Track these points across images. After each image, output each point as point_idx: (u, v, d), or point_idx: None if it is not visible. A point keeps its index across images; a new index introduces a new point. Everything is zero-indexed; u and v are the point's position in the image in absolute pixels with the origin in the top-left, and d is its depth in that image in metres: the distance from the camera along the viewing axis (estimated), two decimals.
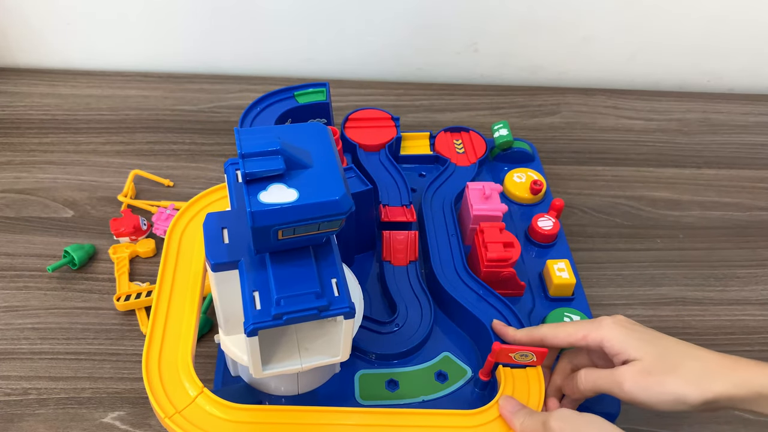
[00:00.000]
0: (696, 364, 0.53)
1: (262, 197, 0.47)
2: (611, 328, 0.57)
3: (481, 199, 0.79)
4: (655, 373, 0.53)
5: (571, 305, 0.76)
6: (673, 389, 0.53)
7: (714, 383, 0.52)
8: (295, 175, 0.49)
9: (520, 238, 0.82)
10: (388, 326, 0.71)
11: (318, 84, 0.81)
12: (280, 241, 0.50)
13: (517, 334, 0.64)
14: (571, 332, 0.59)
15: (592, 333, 0.58)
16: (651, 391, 0.53)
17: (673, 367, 0.53)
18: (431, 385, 0.67)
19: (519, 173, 0.88)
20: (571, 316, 0.73)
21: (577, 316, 0.72)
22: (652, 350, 0.55)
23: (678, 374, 0.53)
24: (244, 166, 0.47)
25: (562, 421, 0.52)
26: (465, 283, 0.72)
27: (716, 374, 0.53)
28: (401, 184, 0.82)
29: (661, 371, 0.53)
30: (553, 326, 0.61)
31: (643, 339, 0.56)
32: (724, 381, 0.52)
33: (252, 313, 0.49)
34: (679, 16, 1.07)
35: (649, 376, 0.54)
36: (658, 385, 0.53)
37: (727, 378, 0.52)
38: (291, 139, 0.50)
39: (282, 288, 0.50)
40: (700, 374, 0.53)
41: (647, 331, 0.57)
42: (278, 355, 0.56)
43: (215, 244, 0.53)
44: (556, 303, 0.76)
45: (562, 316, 0.73)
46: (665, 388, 0.53)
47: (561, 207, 0.82)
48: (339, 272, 0.52)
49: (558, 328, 0.61)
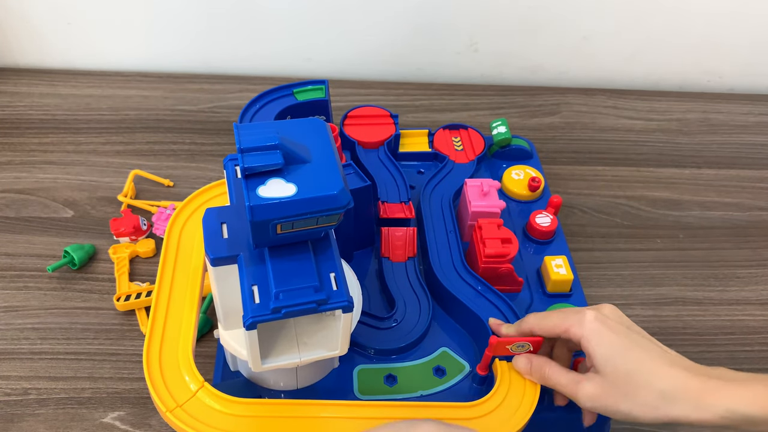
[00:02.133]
0: (659, 386, 0.52)
1: (261, 192, 0.47)
2: (592, 328, 0.56)
3: (480, 196, 0.79)
4: (612, 394, 0.54)
5: (569, 301, 0.76)
6: (625, 411, 0.53)
7: (671, 407, 0.52)
8: (294, 170, 0.49)
9: (519, 234, 0.82)
10: (387, 321, 0.71)
11: (317, 81, 0.81)
12: (279, 235, 0.50)
13: (509, 330, 0.64)
14: (556, 324, 0.59)
15: (574, 328, 0.57)
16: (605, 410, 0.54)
17: (633, 389, 0.53)
18: (429, 379, 0.67)
19: (517, 170, 0.88)
20: None
21: None
22: (619, 367, 0.54)
23: (635, 397, 0.53)
24: (242, 160, 0.48)
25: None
26: (463, 279, 0.72)
27: (676, 398, 0.52)
28: (400, 180, 0.82)
29: (618, 393, 0.53)
30: (539, 317, 0.61)
31: (617, 350, 0.54)
32: (683, 405, 0.51)
33: (251, 307, 0.50)
34: (679, 15, 1.07)
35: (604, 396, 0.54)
36: (611, 406, 0.54)
37: (686, 402, 0.51)
38: (290, 134, 0.50)
39: (281, 282, 0.50)
40: (659, 398, 0.52)
41: (623, 338, 0.55)
42: (277, 349, 0.57)
43: (214, 239, 0.54)
44: (553, 299, 0.76)
45: None
46: (618, 408, 0.53)
47: (559, 204, 0.82)
48: (337, 266, 0.53)
49: (544, 319, 0.60)
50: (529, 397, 0.61)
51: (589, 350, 0.56)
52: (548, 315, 0.61)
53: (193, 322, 0.61)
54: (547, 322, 0.60)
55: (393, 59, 1.12)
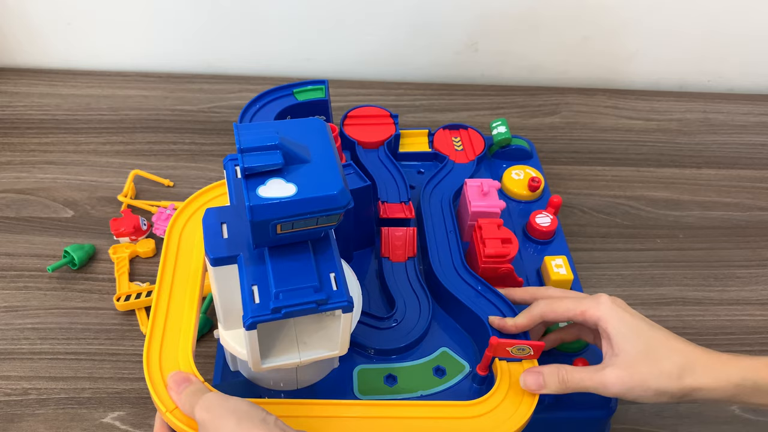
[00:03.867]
0: (677, 359, 0.55)
1: (261, 191, 0.47)
2: (609, 308, 0.58)
3: (480, 196, 0.79)
4: (638, 371, 0.55)
5: None
6: (654, 386, 0.55)
7: (692, 377, 0.54)
8: (294, 170, 0.49)
9: (519, 234, 0.82)
10: (387, 322, 0.71)
11: (317, 81, 0.81)
12: (279, 235, 0.50)
13: (517, 320, 0.64)
14: (570, 307, 0.60)
15: (591, 310, 0.58)
16: (634, 391, 0.55)
17: (654, 362, 0.55)
18: (429, 380, 0.67)
19: (517, 170, 0.88)
20: None
21: None
22: (638, 343, 0.56)
23: (659, 370, 0.55)
24: (242, 160, 0.48)
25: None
26: (463, 279, 0.72)
27: (695, 369, 0.55)
28: (400, 180, 0.82)
29: (642, 368, 0.55)
30: (549, 302, 0.62)
31: (634, 328, 0.57)
32: (702, 375, 0.54)
33: (251, 307, 0.50)
34: (679, 15, 1.07)
35: (631, 375, 0.55)
36: (640, 385, 0.55)
37: (705, 372, 0.55)
38: (289, 134, 0.50)
39: (281, 282, 0.50)
40: (680, 369, 0.55)
41: (638, 319, 0.58)
42: (277, 349, 0.56)
43: (214, 239, 0.54)
44: None
45: None
46: (647, 385, 0.55)
47: (559, 204, 0.82)
48: (337, 266, 0.52)
49: (555, 303, 0.61)
50: (529, 397, 0.61)
51: (608, 329, 0.57)
52: (558, 300, 0.62)
53: (193, 322, 0.61)
54: (559, 307, 0.61)
55: (393, 59, 1.12)
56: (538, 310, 0.62)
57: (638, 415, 0.72)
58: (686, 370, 0.55)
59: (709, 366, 0.55)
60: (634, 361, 0.56)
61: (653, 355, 0.56)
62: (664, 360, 0.55)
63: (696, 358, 0.55)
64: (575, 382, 0.58)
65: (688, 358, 0.55)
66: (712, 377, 0.54)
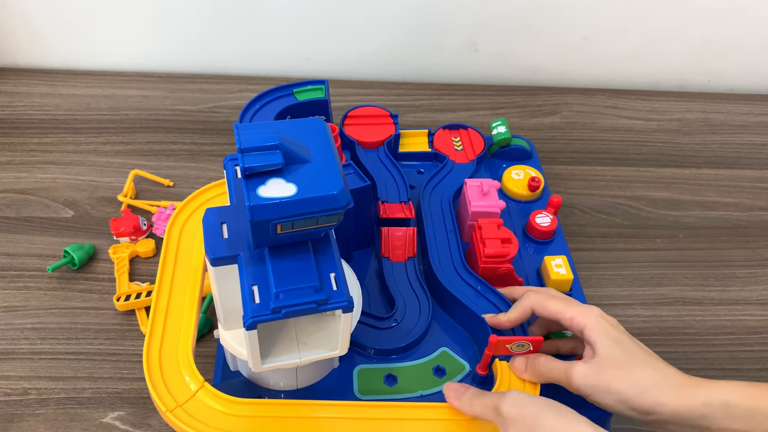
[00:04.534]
0: (651, 374, 0.54)
1: (261, 191, 0.47)
2: (597, 319, 0.58)
3: (479, 196, 0.79)
4: (606, 372, 0.55)
5: None
6: (617, 389, 0.54)
7: (659, 392, 0.53)
8: (294, 170, 0.49)
9: (518, 234, 0.82)
10: (387, 322, 0.71)
11: (317, 81, 0.81)
12: (279, 235, 0.50)
13: (510, 314, 0.64)
14: (560, 309, 0.61)
15: (580, 317, 0.59)
16: (596, 391, 0.55)
17: (625, 369, 0.55)
18: (429, 379, 0.67)
19: (517, 170, 0.89)
20: None
21: None
22: (617, 352, 0.56)
23: (627, 377, 0.54)
24: (243, 160, 0.48)
25: (517, 407, 0.52)
26: (463, 279, 0.72)
27: (663, 385, 0.54)
28: (400, 180, 0.82)
29: (612, 373, 0.55)
30: (542, 297, 0.62)
31: (617, 340, 0.57)
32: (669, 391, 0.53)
33: (251, 307, 0.50)
34: (679, 15, 1.07)
35: (597, 375, 0.55)
36: (605, 387, 0.55)
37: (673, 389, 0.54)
38: (290, 134, 0.50)
39: (281, 282, 0.50)
40: (650, 383, 0.54)
41: (624, 334, 0.58)
42: (277, 349, 0.57)
43: (214, 239, 0.54)
44: None
45: None
46: (610, 388, 0.55)
47: (559, 204, 0.82)
48: (337, 266, 0.53)
49: (547, 300, 0.62)
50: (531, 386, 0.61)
51: (591, 338, 0.57)
52: (551, 299, 0.62)
53: (193, 322, 0.61)
54: (550, 305, 0.61)
55: (393, 59, 1.12)
56: (528, 303, 0.63)
57: None
58: (655, 384, 0.54)
59: (680, 385, 0.54)
60: (606, 364, 0.56)
61: (626, 364, 0.55)
62: (636, 370, 0.55)
63: (668, 376, 0.55)
64: (546, 370, 0.59)
65: (662, 374, 0.55)
66: (678, 395, 0.53)
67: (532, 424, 0.51)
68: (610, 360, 0.56)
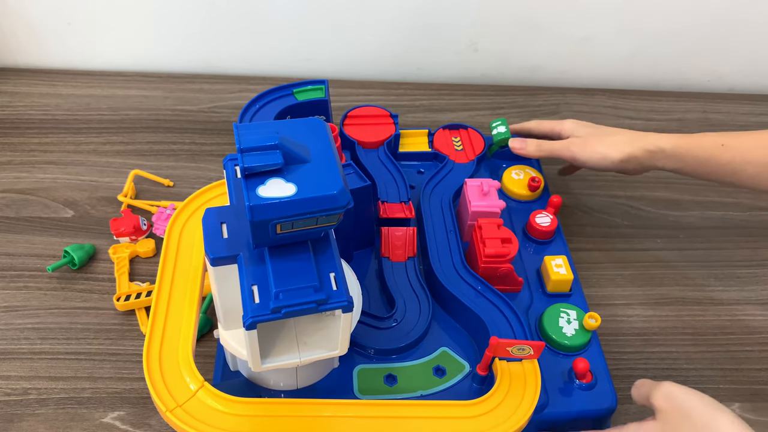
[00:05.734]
0: (617, 138, 0.80)
1: (261, 191, 0.47)
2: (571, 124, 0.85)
3: (480, 196, 0.79)
4: (590, 142, 0.81)
5: (569, 301, 0.76)
6: (599, 150, 0.80)
7: (626, 147, 0.79)
8: (294, 170, 0.49)
9: (518, 234, 0.83)
10: (387, 321, 0.71)
11: (317, 81, 0.81)
12: (279, 235, 0.50)
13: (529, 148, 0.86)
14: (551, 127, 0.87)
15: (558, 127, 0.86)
16: (586, 150, 0.81)
17: (601, 138, 0.81)
18: (429, 379, 0.68)
19: (517, 170, 0.89)
20: (568, 312, 0.73)
21: (574, 311, 0.73)
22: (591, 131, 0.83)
23: (604, 142, 0.80)
24: (242, 160, 0.48)
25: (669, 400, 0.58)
26: (463, 279, 0.72)
27: (628, 142, 0.79)
28: (400, 180, 0.82)
29: (593, 140, 0.81)
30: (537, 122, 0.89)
31: (588, 128, 0.84)
32: (632, 145, 0.79)
33: (251, 307, 0.50)
34: (679, 15, 1.07)
35: (586, 143, 0.81)
36: (590, 147, 0.81)
37: (634, 144, 0.79)
38: (289, 134, 0.50)
39: (281, 282, 0.50)
40: (617, 142, 0.80)
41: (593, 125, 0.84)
42: (277, 349, 0.57)
43: (214, 239, 0.54)
44: (553, 299, 0.76)
45: (558, 311, 0.73)
46: (595, 149, 0.80)
47: (559, 204, 0.83)
48: (337, 266, 0.53)
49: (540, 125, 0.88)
50: (529, 396, 0.61)
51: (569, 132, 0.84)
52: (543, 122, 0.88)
53: (193, 321, 0.61)
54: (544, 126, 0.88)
55: (393, 59, 1.12)
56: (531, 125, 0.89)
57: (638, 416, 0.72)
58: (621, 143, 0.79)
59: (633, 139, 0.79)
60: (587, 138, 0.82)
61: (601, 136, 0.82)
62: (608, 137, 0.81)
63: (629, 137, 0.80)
64: (548, 146, 0.84)
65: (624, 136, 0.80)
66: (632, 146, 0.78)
67: (683, 415, 0.56)
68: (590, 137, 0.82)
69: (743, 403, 0.74)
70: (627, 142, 0.79)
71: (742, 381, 0.76)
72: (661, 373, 0.75)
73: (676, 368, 0.76)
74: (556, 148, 0.83)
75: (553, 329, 0.72)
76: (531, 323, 0.74)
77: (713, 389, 0.75)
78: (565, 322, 0.72)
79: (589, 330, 0.72)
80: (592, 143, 0.80)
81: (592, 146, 0.80)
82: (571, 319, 0.73)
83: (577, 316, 0.73)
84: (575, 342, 0.71)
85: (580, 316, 0.73)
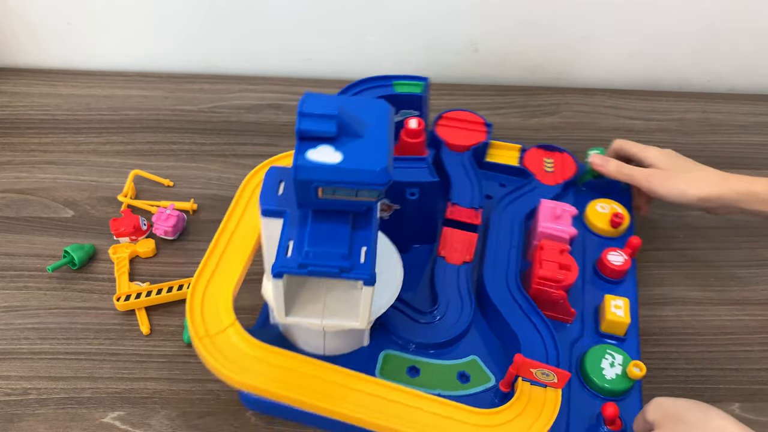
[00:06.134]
0: (698, 174, 0.79)
1: (310, 154, 0.50)
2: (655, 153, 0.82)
3: (551, 218, 0.77)
4: (670, 176, 0.79)
5: (620, 346, 0.73)
6: (679, 186, 0.78)
7: (707, 186, 0.77)
8: (346, 142, 0.51)
9: (588, 268, 0.80)
10: (426, 316, 0.72)
11: (418, 77, 0.83)
12: (321, 200, 0.53)
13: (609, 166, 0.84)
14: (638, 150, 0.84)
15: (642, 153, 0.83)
16: (666, 185, 0.79)
17: (682, 173, 0.79)
18: (451, 382, 0.68)
19: (603, 203, 0.86)
20: (615, 355, 0.70)
21: (621, 356, 0.70)
22: (673, 165, 0.80)
23: (684, 177, 0.79)
24: (299, 122, 0.50)
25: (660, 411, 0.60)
26: (512, 295, 0.71)
27: (710, 182, 0.78)
28: (476, 187, 0.82)
29: (674, 175, 0.79)
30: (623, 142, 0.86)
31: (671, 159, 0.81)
32: (717, 186, 0.77)
33: (282, 259, 0.53)
34: (679, 15, 1.07)
35: (667, 177, 0.79)
36: (671, 183, 0.78)
37: (720, 184, 0.77)
38: (352, 109, 0.53)
39: (314, 243, 0.54)
40: (699, 179, 0.78)
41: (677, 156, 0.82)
42: (304, 306, 0.60)
43: (270, 193, 0.58)
44: (605, 339, 0.74)
45: (604, 352, 0.70)
46: (676, 184, 0.78)
47: (637, 246, 0.80)
48: (371, 242, 0.55)
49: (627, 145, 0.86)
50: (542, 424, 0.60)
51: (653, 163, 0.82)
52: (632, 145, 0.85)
53: (242, 268, 0.65)
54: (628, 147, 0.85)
55: (393, 59, 1.12)
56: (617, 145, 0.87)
57: None
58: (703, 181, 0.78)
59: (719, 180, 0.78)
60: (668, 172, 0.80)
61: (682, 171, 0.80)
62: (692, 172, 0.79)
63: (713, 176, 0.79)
64: (629, 170, 0.82)
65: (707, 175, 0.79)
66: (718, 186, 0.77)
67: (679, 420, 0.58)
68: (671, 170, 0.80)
69: (743, 403, 0.74)
70: (711, 180, 0.78)
71: (741, 381, 0.76)
72: (660, 373, 0.75)
73: (676, 368, 0.76)
74: (636, 175, 0.81)
75: (593, 369, 0.69)
76: (573, 357, 0.72)
77: (713, 389, 0.74)
78: (609, 364, 0.69)
79: (632, 378, 0.68)
80: (673, 178, 0.79)
81: (673, 181, 0.78)
82: (616, 363, 0.69)
83: (623, 362, 0.70)
84: (614, 386, 0.68)
85: (626, 362, 0.69)
